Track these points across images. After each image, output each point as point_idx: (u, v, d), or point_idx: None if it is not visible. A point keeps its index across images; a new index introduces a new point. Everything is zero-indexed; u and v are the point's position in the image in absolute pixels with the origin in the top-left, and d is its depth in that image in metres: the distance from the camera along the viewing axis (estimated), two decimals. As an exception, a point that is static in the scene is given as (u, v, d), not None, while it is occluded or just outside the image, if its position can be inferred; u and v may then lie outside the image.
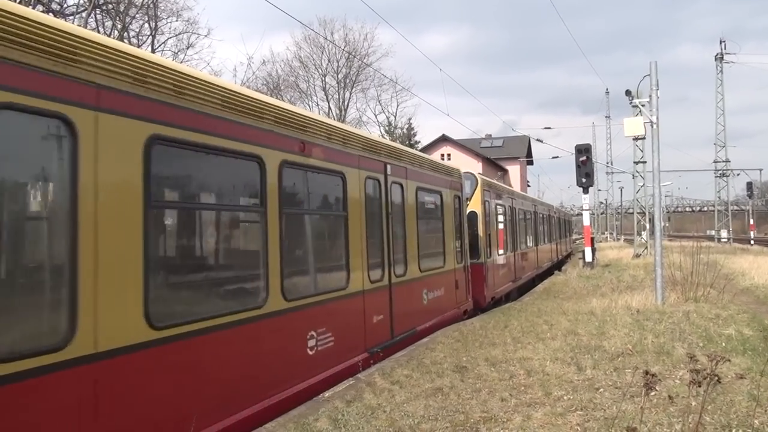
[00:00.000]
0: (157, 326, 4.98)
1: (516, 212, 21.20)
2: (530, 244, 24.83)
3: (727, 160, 53.49)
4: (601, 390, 6.84)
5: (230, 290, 6.51)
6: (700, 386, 3.72)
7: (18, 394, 3.88)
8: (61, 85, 4.37)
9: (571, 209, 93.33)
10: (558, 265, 31.92)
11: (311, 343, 7.26)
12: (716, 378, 3.68)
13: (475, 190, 16.16)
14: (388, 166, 10.09)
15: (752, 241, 55.72)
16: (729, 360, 4.64)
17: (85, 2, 24.78)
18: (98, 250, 4.52)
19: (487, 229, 16.43)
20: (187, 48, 31.44)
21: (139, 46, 27.71)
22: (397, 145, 11.83)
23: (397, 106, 57.60)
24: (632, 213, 41.79)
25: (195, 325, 5.44)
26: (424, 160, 12.51)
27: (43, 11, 22.63)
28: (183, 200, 6.08)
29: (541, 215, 28.97)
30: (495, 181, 21.63)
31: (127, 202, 4.88)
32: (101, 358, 4.45)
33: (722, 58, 52.76)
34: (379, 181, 9.76)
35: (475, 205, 15.94)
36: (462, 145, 65.00)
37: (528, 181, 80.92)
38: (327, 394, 7.05)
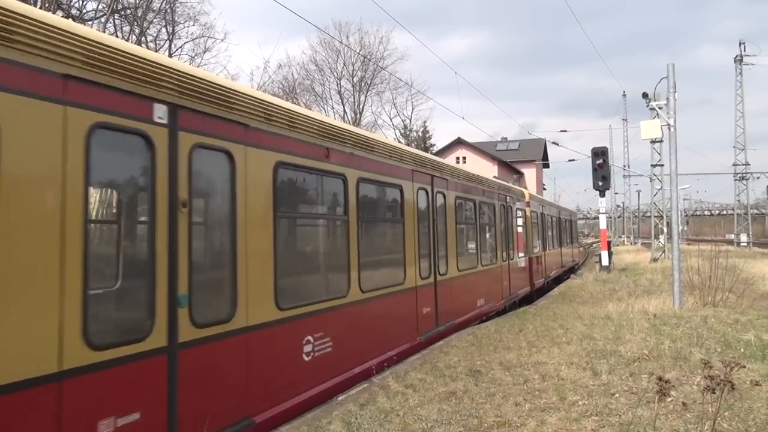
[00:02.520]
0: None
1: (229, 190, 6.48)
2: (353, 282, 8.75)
3: (747, 163, 52.88)
4: (617, 395, 6.78)
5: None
6: (714, 392, 3.67)
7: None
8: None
9: (588, 212, 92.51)
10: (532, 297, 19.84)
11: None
12: (730, 384, 3.62)
13: None
14: None
15: (773, 245, 54.92)
16: (744, 366, 4.57)
17: (103, 7, 25.12)
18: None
19: None
20: (204, 52, 31.73)
21: (156, 50, 28.06)
22: None
23: (413, 109, 57.64)
24: (650, 216, 41.40)
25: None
26: None
27: (63, 16, 23.01)
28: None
29: (448, 202, 12.50)
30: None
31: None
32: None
33: (741, 59, 52.13)
34: None
35: None
36: (477, 148, 64.84)
37: (544, 184, 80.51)
38: (340, 397, 7.07)
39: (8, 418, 3.73)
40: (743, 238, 55.06)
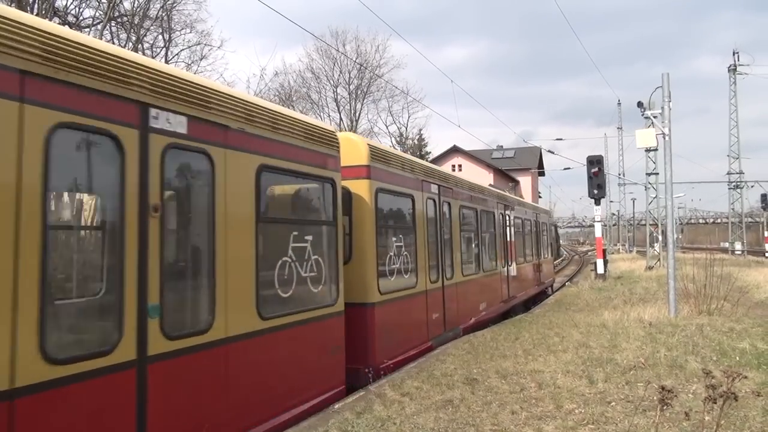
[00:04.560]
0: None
1: None
2: None
3: (741, 172, 53.08)
4: (613, 403, 6.79)
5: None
6: (715, 403, 3.66)
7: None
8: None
9: (583, 220, 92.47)
10: None
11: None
12: (733, 396, 3.61)
13: None
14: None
15: (767, 254, 55.06)
16: (746, 377, 4.57)
17: (100, 15, 25.13)
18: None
19: None
20: (201, 59, 31.67)
21: (153, 57, 28.09)
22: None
23: (408, 117, 57.80)
24: (645, 224, 41.51)
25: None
26: None
27: (59, 23, 23.03)
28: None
29: None
30: None
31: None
32: None
33: (735, 69, 52.51)
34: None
35: None
36: (473, 156, 65.00)
37: (539, 192, 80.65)
38: (337, 405, 7.05)
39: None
40: (738, 246, 55.22)
